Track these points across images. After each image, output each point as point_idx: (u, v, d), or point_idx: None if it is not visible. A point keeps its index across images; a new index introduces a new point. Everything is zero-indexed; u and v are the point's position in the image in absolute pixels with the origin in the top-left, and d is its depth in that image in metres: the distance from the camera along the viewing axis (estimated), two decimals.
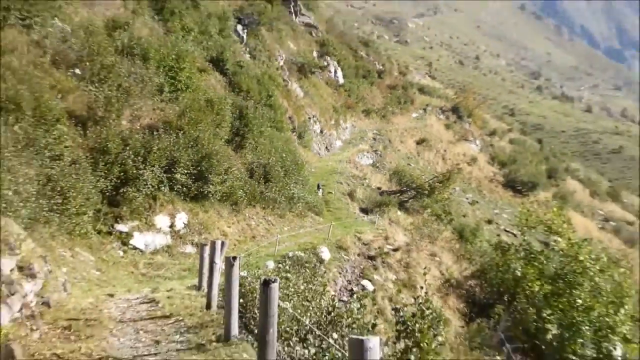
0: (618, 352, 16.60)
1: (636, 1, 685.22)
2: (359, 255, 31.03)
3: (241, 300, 11.26)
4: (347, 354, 5.46)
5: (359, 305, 13.03)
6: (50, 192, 19.57)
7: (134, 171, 24.17)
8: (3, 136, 18.00)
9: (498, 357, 22.61)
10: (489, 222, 53.66)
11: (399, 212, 42.58)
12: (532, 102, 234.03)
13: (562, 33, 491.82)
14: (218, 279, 12.77)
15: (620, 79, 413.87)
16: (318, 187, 40.07)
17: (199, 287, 15.65)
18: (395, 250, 33.22)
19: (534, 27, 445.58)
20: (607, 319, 23.96)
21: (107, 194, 23.39)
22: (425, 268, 29.50)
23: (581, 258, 25.87)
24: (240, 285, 11.15)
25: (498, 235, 44.36)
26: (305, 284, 15.15)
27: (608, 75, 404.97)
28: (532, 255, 28.08)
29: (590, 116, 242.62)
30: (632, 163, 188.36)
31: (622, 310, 24.70)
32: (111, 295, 15.23)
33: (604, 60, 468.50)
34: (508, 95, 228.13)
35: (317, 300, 13.41)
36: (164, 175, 25.50)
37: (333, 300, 14.20)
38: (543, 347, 24.08)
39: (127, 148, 24.42)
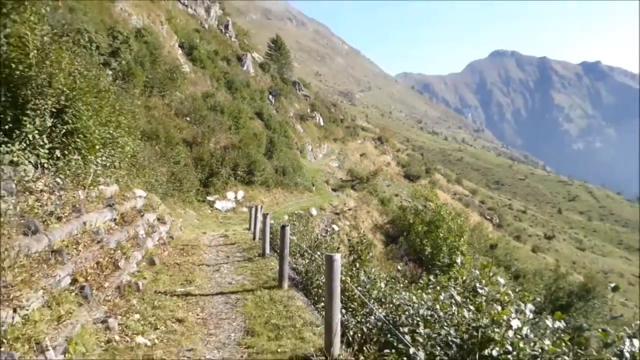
0: (459, 260, 16.69)
1: (470, 84, 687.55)
2: (331, 212, 31.03)
3: (270, 235, 11.22)
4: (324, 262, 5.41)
5: (330, 238, 13.00)
6: (173, 180, 19.59)
7: (216, 170, 24.26)
8: (150, 152, 17.89)
9: (401, 263, 22.65)
10: (396, 195, 53.60)
11: (351, 191, 42.53)
12: (418, 135, 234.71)
13: (432, 100, 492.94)
14: (259, 225, 12.73)
15: (462, 124, 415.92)
16: (313, 184, 39.54)
17: (249, 229, 15.61)
18: (349, 210, 33.22)
19: (418, 97, 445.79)
20: (454, 244, 24.16)
21: (202, 181, 23.51)
22: (364, 219, 29.63)
23: (442, 213, 26.01)
24: (270, 227, 11.12)
25: (401, 202, 44.32)
26: (303, 227, 15.15)
27: (455, 121, 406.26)
28: (418, 212, 28.15)
29: (446, 142, 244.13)
30: (468, 165, 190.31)
31: (462, 240, 24.92)
32: (204, 233, 15.22)
33: (453, 114, 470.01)
34: (406, 132, 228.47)
35: (309, 235, 13.38)
36: (232, 171, 25.56)
37: (317, 235, 14.20)
38: (423, 258, 24.19)
39: (213, 158, 24.53)
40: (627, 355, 3.07)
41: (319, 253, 9.54)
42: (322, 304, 6.36)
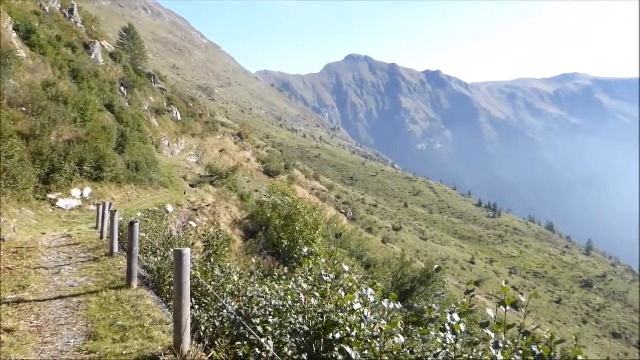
0: (305, 250, 17.37)
1: (327, 84, 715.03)
2: (188, 208, 30.03)
3: (120, 233, 10.56)
4: None
5: (185, 234, 12.67)
6: (5, 177, 17.34)
7: (59, 165, 21.89)
8: None
9: (257, 257, 22.77)
10: (256, 191, 53.67)
11: (210, 187, 41.63)
12: (278, 132, 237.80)
13: (292, 98, 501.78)
14: (107, 223, 11.90)
15: (320, 123, 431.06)
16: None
17: (96, 228, 14.48)
18: (208, 206, 32.53)
19: (278, 95, 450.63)
20: (310, 236, 24.99)
21: (42, 177, 21.01)
22: (223, 215, 29.29)
23: (299, 207, 26.73)
24: (119, 225, 10.47)
25: (260, 197, 44.57)
26: (157, 224, 14.53)
27: (313, 120, 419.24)
28: (275, 206, 28.58)
29: (305, 139, 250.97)
30: (325, 162, 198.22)
31: (317, 232, 25.91)
32: (43, 234, 13.72)
33: (312, 112, 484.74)
34: (266, 128, 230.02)
35: (163, 232, 12.87)
36: (77, 167, 23.21)
37: (171, 232, 13.71)
38: (280, 251, 24.66)
39: (54, 152, 22.06)
40: (448, 327, 3.52)
41: (172, 250, 9.24)
42: None
